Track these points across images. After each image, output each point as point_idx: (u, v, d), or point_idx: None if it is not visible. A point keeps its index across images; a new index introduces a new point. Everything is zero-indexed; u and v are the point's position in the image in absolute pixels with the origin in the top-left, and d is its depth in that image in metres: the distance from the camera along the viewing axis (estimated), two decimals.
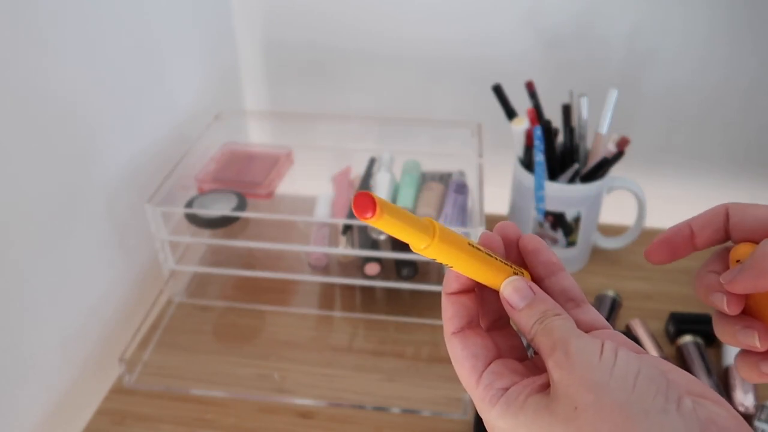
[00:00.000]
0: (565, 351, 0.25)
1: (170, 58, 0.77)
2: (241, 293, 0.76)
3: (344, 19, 0.89)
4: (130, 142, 0.70)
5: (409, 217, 0.26)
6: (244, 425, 0.60)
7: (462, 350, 0.29)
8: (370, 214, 0.24)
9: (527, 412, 0.25)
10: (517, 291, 0.29)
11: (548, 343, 0.26)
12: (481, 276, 0.29)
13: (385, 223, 0.25)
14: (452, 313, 0.30)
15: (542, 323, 0.27)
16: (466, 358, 0.29)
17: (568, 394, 0.24)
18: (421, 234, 0.27)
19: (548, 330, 0.27)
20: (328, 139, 0.87)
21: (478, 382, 0.28)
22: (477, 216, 0.66)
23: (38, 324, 0.59)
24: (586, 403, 0.23)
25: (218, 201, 0.72)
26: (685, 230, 0.32)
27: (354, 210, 0.24)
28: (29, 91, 0.54)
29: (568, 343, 0.25)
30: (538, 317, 0.27)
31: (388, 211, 0.25)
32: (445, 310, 0.30)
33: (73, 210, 0.62)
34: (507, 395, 0.26)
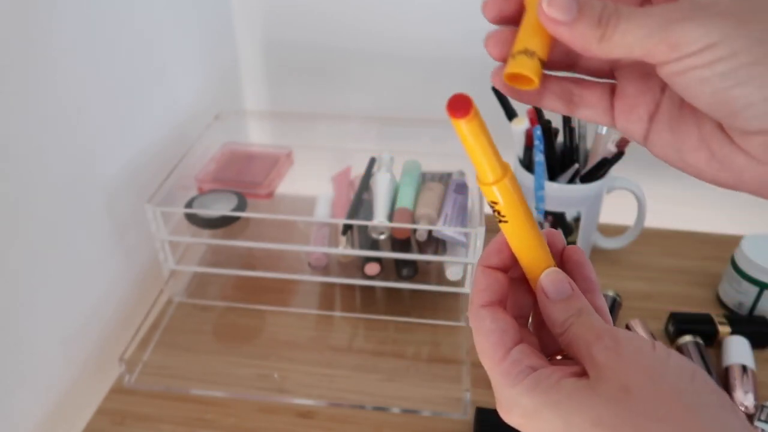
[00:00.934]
0: (615, 338, 0.25)
1: (170, 58, 0.77)
2: (241, 293, 0.76)
3: (344, 19, 0.89)
4: (130, 142, 0.70)
5: (492, 142, 0.26)
6: (244, 425, 0.60)
7: (491, 323, 0.28)
8: (463, 113, 0.24)
9: (562, 390, 0.25)
10: (556, 282, 0.28)
11: (591, 333, 0.26)
12: (525, 248, 0.29)
13: (473, 129, 0.25)
14: (486, 286, 0.29)
15: (580, 317, 0.27)
16: (493, 332, 0.28)
17: (618, 376, 0.24)
18: (496, 165, 0.26)
19: (589, 322, 0.26)
20: (328, 139, 0.87)
21: (505, 357, 0.27)
22: (477, 216, 0.66)
23: (38, 324, 0.59)
24: (639, 385, 0.23)
25: (218, 201, 0.72)
26: None
27: (448, 108, 0.24)
28: (29, 92, 0.54)
29: (616, 332, 0.25)
30: (574, 313, 0.27)
31: (481, 121, 0.25)
32: (479, 282, 0.29)
33: (73, 210, 0.62)
34: (537, 373, 0.26)
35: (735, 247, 0.71)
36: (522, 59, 0.26)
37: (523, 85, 0.27)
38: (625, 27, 0.23)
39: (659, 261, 0.80)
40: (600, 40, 0.23)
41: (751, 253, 0.68)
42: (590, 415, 0.24)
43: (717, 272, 0.76)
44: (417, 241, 0.70)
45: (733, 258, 0.71)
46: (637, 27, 0.23)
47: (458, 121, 0.24)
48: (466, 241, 0.67)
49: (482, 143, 0.25)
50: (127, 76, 0.68)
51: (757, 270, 0.68)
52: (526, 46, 0.25)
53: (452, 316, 0.72)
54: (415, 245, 0.71)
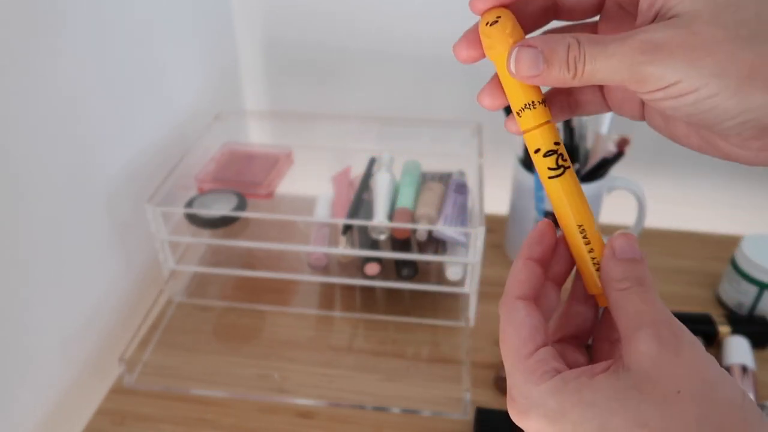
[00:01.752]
0: (675, 333, 0.24)
1: (170, 58, 0.77)
2: (241, 293, 0.76)
3: (344, 19, 0.89)
4: (130, 141, 0.70)
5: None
6: (244, 425, 0.60)
7: (525, 316, 0.27)
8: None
9: (599, 390, 0.23)
10: (630, 241, 0.27)
11: (649, 314, 0.24)
12: (581, 202, 0.28)
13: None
14: (525, 277, 0.28)
15: (642, 287, 0.25)
16: (525, 326, 0.26)
17: (671, 377, 0.22)
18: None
19: (651, 300, 0.25)
20: (328, 139, 0.87)
21: (532, 354, 0.26)
22: (477, 216, 0.66)
23: (38, 324, 0.59)
24: (694, 391, 0.22)
25: (218, 201, 0.72)
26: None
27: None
28: (29, 92, 0.54)
29: (678, 327, 0.24)
30: (636, 278, 0.26)
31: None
32: (518, 273, 0.28)
33: (73, 210, 0.62)
34: (564, 374, 0.25)
35: (735, 247, 0.71)
36: (528, 115, 0.27)
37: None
38: (592, 68, 0.24)
39: (659, 261, 0.80)
40: (573, 78, 0.25)
41: (751, 253, 0.68)
42: (634, 417, 0.22)
43: (717, 272, 0.76)
44: (417, 241, 0.70)
45: (733, 258, 0.71)
46: (605, 67, 0.24)
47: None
48: (466, 241, 0.67)
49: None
50: (127, 76, 0.68)
51: (757, 270, 0.68)
52: (524, 101, 0.27)
53: (452, 316, 0.72)
54: (415, 245, 0.71)
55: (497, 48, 0.26)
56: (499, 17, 0.26)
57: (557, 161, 0.27)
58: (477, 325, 0.71)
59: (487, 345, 0.68)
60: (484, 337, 0.69)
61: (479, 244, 0.64)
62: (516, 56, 0.25)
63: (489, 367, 0.66)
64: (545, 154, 0.27)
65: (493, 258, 0.81)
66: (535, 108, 0.27)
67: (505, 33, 0.26)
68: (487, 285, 0.75)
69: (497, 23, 0.26)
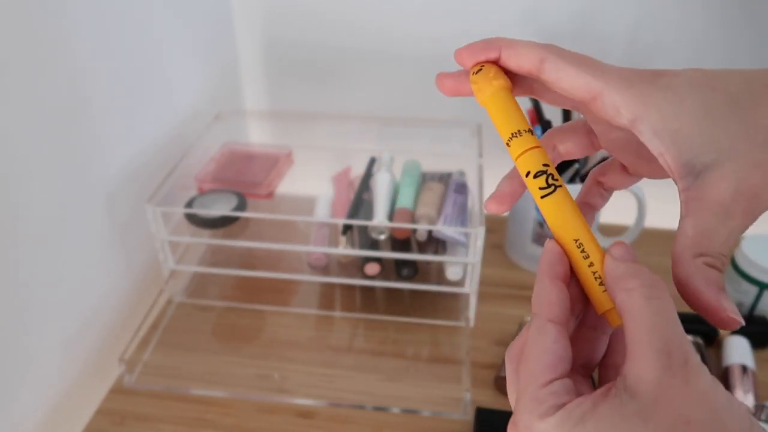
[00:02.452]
0: (684, 356, 0.22)
1: (170, 58, 0.77)
2: (241, 293, 0.76)
3: (344, 19, 0.89)
4: (130, 141, 0.70)
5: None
6: (244, 425, 0.60)
7: (554, 343, 0.25)
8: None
9: (600, 417, 0.22)
10: (627, 249, 0.26)
11: (660, 330, 0.23)
12: (578, 217, 0.28)
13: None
14: (558, 300, 0.26)
15: (654, 288, 0.24)
16: (549, 353, 0.25)
17: (680, 405, 0.22)
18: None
19: (664, 309, 0.24)
20: (328, 139, 0.87)
21: (547, 385, 0.25)
22: (477, 216, 0.66)
23: (38, 324, 0.59)
24: (703, 420, 0.21)
25: (218, 201, 0.72)
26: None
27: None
28: (29, 92, 0.54)
29: (688, 352, 0.22)
30: (644, 278, 0.25)
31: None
32: (550, 294, 0.27)
33: (73, 210, 0.62)
34: (568, 406, 0.24)
35: (735, 247, 0.71)
36: (516, 142, 0.29)
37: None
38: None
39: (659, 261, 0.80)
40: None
41: (751, 253, 0.68)
42: None
43: None
44: (417, 241, 0.70)
45: (733, 258, 0.71)
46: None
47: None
48: (466, 241, 0.67)
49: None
50: (127, 76, 0.68)
51: (757, 270, 0.68)
52: (510, 131, 0.30)
53: (452, 316, 0.72)
54: (415, 245, 0.71)
55: (485, 92, 0.30)
56: (483, 66, 0.30)
57: (547, 180, 0.28)
58: (477, 325, 0.71)
59: (487, 345, 0.68)
60: (484, 337, 0.69)
61: (479, 244, 0.64)
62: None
63: (489, 367, 0.66)
64: (535, 175, 0.28)
65: (493, 258, 0.81)
66: (521, 136, 0.29)
67: (488, 77, 0.30)
68: (487, 285, 0.75)
69: (481, 71, 0.30)
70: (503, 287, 0.76)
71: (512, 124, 0.29)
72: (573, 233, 0.28)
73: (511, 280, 0.78)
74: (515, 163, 0.30)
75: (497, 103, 0.30)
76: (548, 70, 0.28)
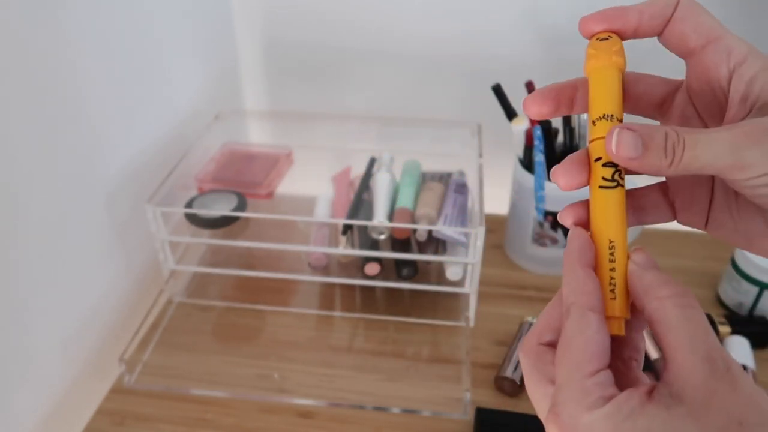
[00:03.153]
0: (726, 363, 0.23)
1: (170, 58, 0.77)
2: (241, 293, 0.76)
3: (344, 19, 0.89)
4: (130, 142, 0.70)
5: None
6: (244, 425, 0.60)
7: (597, 333, 0.25)
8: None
9: (654, 419, 0.22)
10: (646, 253, 0.27)
11: (701, 339, 0.23)
12: (623, 219, 0.27)
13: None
14: (593, 288, 0.26)
15: (686, 297, 0.24)
16: (594, 342, 0.25)
17: (732, 408, 0.22)
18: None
19: (699, 319, 0.24)
20: (328, 139, 0.87)
21: (593, 375, 0.24)
22: (477, 216, 0.66)
23: (38, 324, 0.59)
24: (757, 422, 0.22)
25: (218, 201, 0.72)
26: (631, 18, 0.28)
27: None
28: (29, 92, 0.54)
29: (729, 356, 0.23)
30: (675, 287, 0.25)
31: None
32: (584, 282, 0.26)
33: (73, 210, 0.62)
34: (617, 399, 0.23)
35: (735, 247, 0.71)
36: (602, 125, 0.28)
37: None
38: (692, 154, 0.24)
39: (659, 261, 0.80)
40: (669, 166, 0.25)
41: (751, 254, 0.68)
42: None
43: (717, 272, 0.76)
44: (417, 241, 0.70)
45: (733, 258, 0.71)
46: (705, 153, 0.24)
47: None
48: (466, 241, 0.67)
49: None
50: (127, 75, 0.68)
51: (757, 270, 0.68)
52: (602, 112, 0.28)
53: (452, 316, 0.72)
54: (415, 245, 0.71)
55: (600, 62, 0.28)
56: (610, 36, 0.28)
57: (614, 175, 0.27)
58: (477, 325, 0.71)
59: (487, 345, 0.68)
60: (484, 337, 0.69)
61: (479, 244, 0.64)
62: (617, 138, 0.26)
63: (489, 367, 0.66)
64: (605, 164, 0.27)
65: (493, 258, 0.81)
66: (611, 121, 0.28)
67: (611, 50, 0.28)
68: (487, 285, 0.75)
69: (608, 40, 0.28)
70: (503, 287, 0.76)
71: (609, 105, 0.28)
72: (612, 234, 0.27)
73: (511, 280, 0.78)
74: (589, 145, 0.28)
75: (606, 79, 0.28)
76: (682, 8, 0.27)
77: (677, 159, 0.25)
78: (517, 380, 0.62)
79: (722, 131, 0.24)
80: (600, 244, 0.28)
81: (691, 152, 0.24)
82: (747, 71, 0.26)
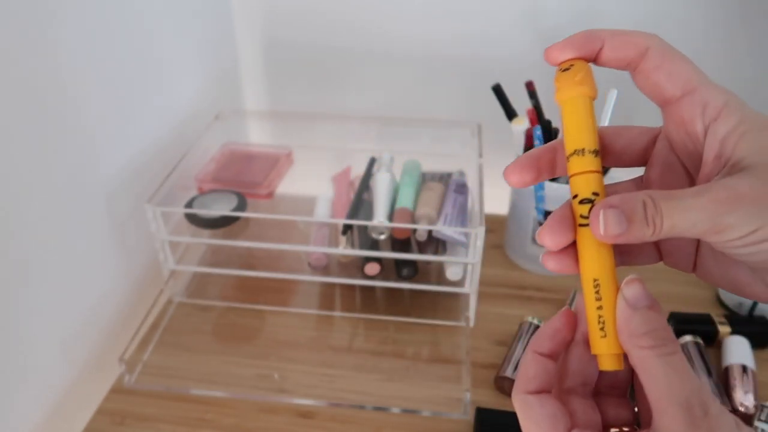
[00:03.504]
0: (704, 409, 0.23)
1: (170, 58, 0.77)
2: (241, 293, 0.76)
3: (344, 19, 0.89)
4: (130, 142, 0.70)
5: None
6: (244, 425, 0.60)
7: (541, 409, 0.27)
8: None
9: None
10: (639, 288, 0.27)
11: (679, 387, 0.24)
12: (609, 256, 0.27)
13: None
14: (534, 373, 0.28)
15: (666, 346, 0.25)
16: (545, 418, 0.27)
17: None
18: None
19: (680, 365, 0.24)
20: (328, 139, 0.87)
21: None
22: (477, 216, 0.66)
23: (38, 324, 0.59)
24: None
25: (218, 201, 0.72)
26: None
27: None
28: (29, 92, 0.54)
29: (709, 399, 0.24)
30: (660, 335, 0.25)
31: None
32: (527, 368, 0.28)
33: (73, 210, 0.62)
34: None
35: None
36: (575, 160, 0.28)
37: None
38: (670, 224, 0.25)
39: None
40: (653, 234, 0.25)
41: None
42: None
43: None
44: (417, 241, 0.70)
45: None
46: (682, 222, 0.25)
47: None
48: (466, 241, 0.67)
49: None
50: (127, 76, 0.68)
51: None
52: (575, 147, 0.28)
53: (452, 316, 0.72)
54: (415, 245, 0.71)
55: (564, 93, 0.28)
56: (572, 65, 0.28)
57: (591, 210, 0.27)
58: (477, 325, 0.71)
59: (487, 345, 0.68)
60: (484, 337, 0.69)
61: (479, 244, 0.64)
62: (603, 219, 0.26)
63: (489, 367, 0.66)
64: (581, 201, 0.27)
65: (493, 258, 0.81)
66: (583, 156, 0.27)
67: (574, 80, 0.27)
68: (487, 285, 0.75)
69: (570, 69, 0.28)
70: (503, 287, 0.76)
71: (580, 139, 0.27)
72: (595, 272, 0.27)
73: (511, 280, 0.78)
74: (569, 180, 0.28)
75: (573, 111, 0.28)
76: (653, 56, 0.27)
77: (658, 228, 0.25)
78: None
79: (694, 197, 0.25)
80: (585, 283, 0.28)
81: (669, 221, 0.25)
82: (721, 128, 0.26)
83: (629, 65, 0.28)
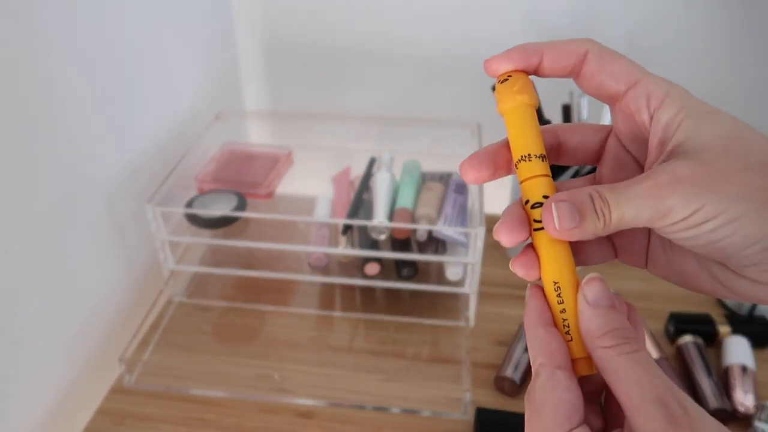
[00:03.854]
0: (682, 405, 0.23)
1: (170, 58, 0.77)
2: (241, 293, 0.76)
3: (344, 19, 0.89)
4: (130, 142, 0.70)
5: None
6: (244, 425, 0.60)
7: (566, 392, 0.25)
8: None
9: None
10: (599, 287, 0.26)
11: (651, 385, 0.23)
12: (569, 258, 0.27)
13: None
14: (557, 347, 0.26)
15: (629, 344, 0.24)
16: (565, 402, 0.24)
17: None
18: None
19: (645, 363, 0.24)
20: (328, 139, 0.87)
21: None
22: (477, 216, 0.66)
23: (38, 324, 0.59)
24: None
25: (218, 201, 0.72)
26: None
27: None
28: (29, 92, 0.54)
29: (683, 397, 0.23)
30: (621, 334, 0.25)
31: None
32: (549, 342, 0.26)
33: (73, 210, 0.62)
34: None
35: None
36: (523, 166, 0.28)
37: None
38: (617, 214, 0.25)
39: None
40: (604, 227, 0.25)
41: None
42: None
43: None
44: (417, 241, 0.70)
45: None
46: (628, 210, 0.25)
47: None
48: (466, 241, 0.67)
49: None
50: (128, 76, 0.68)
51: None
52: (521, 153, 0.28)
53: (452, 316, 0.72)
54: (415, 245, 0.71)
55: (505, 104, 0.28)
56: (510, 76, 0.28)
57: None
58: (477, 325, 0.71)
59: (487, 345, 0.68)
60: (484, 337, 0.69)
61: (479, 244, 0.64)
62: (557, 212, 0.26)
63: (489, 367, 0.66)
64: (533, 206, 0.27)
65: (493, 258, 0.81)
66: (530, 161, 0.27)
67: (512, 90, 0.28)
68: (487, 285, 0.75)
69: (507, 81, 0.28)
70: (503, 287, 0.76)
71: (524, 146, 0.28)
72: (555, 275, 0.27)
73: (511, 280, 0.78)
74: (520, 187, 0.28)
75: (515, 120, 0.28)
76: (592, 59, 0.28)
77: (608, 220, 0.25)
78: (517, 380, 0.62)
79: (638, 184, 0.25)
80: (547, 286, 0.27)
81: (617, 212, 0.25)
82: (663, 115, 0.26)
83: (571, 72, 0.28)
